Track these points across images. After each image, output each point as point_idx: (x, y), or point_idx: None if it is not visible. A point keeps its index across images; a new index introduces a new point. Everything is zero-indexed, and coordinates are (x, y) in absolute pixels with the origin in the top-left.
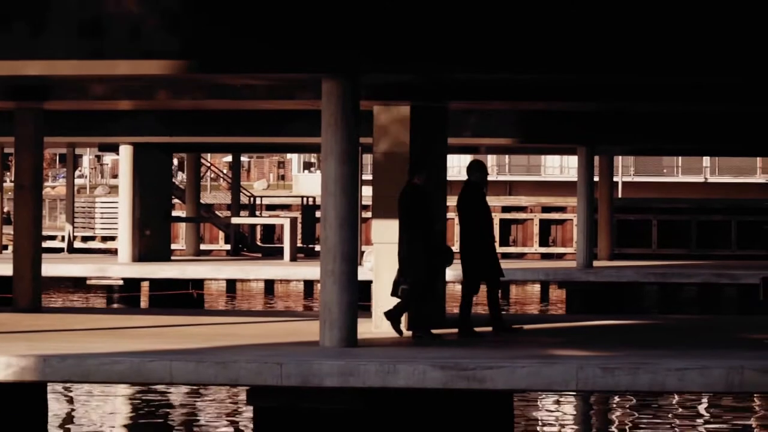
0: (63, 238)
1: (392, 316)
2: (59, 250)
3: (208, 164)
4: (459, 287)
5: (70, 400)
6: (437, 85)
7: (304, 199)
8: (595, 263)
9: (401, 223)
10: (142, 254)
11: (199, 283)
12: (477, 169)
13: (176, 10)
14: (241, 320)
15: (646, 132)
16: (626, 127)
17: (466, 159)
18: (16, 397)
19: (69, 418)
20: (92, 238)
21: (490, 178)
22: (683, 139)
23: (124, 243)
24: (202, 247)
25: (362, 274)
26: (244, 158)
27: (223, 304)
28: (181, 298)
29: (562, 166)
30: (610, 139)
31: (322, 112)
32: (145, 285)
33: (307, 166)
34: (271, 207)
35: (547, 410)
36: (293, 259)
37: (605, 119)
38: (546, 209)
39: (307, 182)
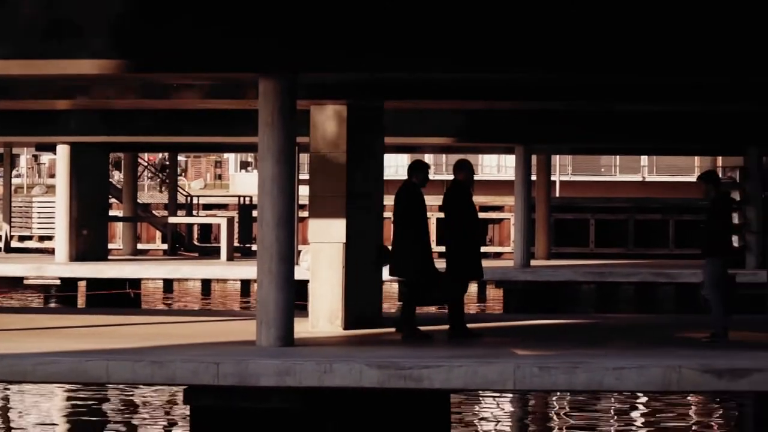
0: (0, 237)
1: (399, 325)
2: None
3: (145, 164)
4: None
5: (6, 399)
6: (374, 85)
7: (241, 198)
8: (533, 262)
9: (397, 222)
10: (79, 254)
11: (136, 283)
12: (464, 168)
13: (116, 10)
14: (178, 320)
15: (583, 131)
16: (564, 126)
17: (404, 158)
18: None
19: (6, 419)
20: (29, 238)
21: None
22: (621, 139)
23: (61, 242)
24: (140, 246)
25: (299, 273)
26: (181, 158)
27: (161, 304)
28: (118, 298)
29: (499, 165)
30: (547, 138)
31: (259, 111)
32: (82, 284)
33: (244, 165)
34: (208, 206)
35: (484, 409)
36: (230, 258)
37: (543, 118)
38: (483, 208)
39: (244, 182)
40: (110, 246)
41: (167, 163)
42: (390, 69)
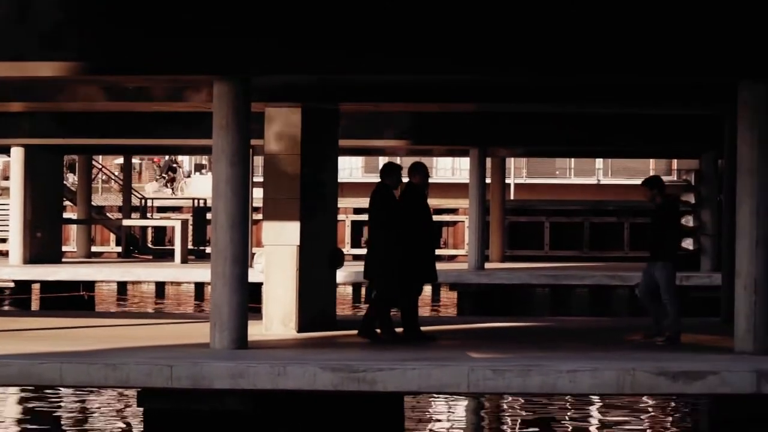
0: None
1: (366, 328)
2: None
3: (100, 166)
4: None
5: None
6: (328, 87)
7: (195, 201)
8: (487, 265)
9: (371, 224)
10: (33, 256)
11: (90, 285)
12: (418, 171)
13: (70, 11)
14: (132, 322)
15: (538, 134)
16: (519, 128)
17: (359, 161)
18: None
19: None
20: None
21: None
22: (576, 141)
23: (15, 245)
24: (94, 249)
25: (253, 276)
26: (135, 160)
27: (114, 306)
28: (72, 300)
29: (454, 168)
30: (502, 140)
31: (213, 113)
32: (36, 287)
33: (198, 168)
34: (162, 209)
35: (438, 412)
36: (184, 261)
37: (498, 121)
38: (438, 211)
39: (198, 184)
40: (64, 248)
41: (174, 165)
42: (344, 71)
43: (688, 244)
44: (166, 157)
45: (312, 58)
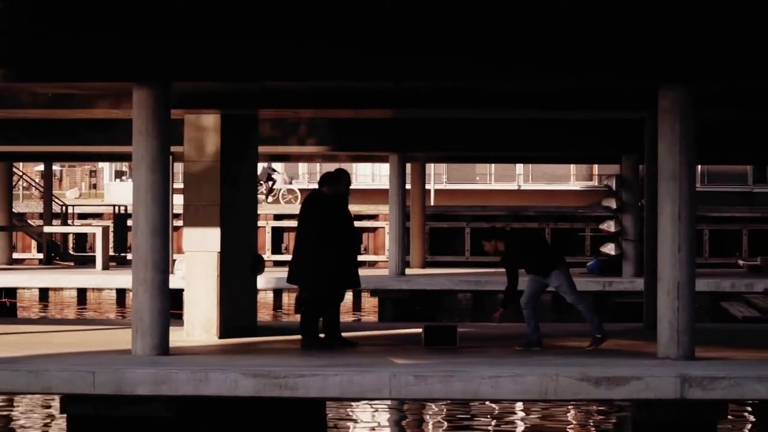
0: None
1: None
2: None
3: (20, 173)
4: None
5: None
6: (248, 94)
7: (116, 207)
8: (408, 271)
9: (298, 230)
10: None
11: (12, 292)
12: (340, 178)
13: None
14: (54, 329)
15: (458, 139)
16: (439, 134)
17: (278, 167)
18: None
19: None
20: None
21: (300, 186)
22: (496, 147)
23: None
24: (15, 255)
25: (174, 282)
26: (56, 167)
27: (36, 313)
28: None
29: (374, 174)
30: (422, 146)
31: (133, 120)
32: None
33: (119, 174)
34: (83, 216)
35: (360, 418)
36: (105, 267)
37: (417, 126)
38: (358, 217)
39: (119, 191)
40: None
41: (273, 172)
42: (262, 78)
43: (609, 249)
44: (264, 165)
45: (230, 65)
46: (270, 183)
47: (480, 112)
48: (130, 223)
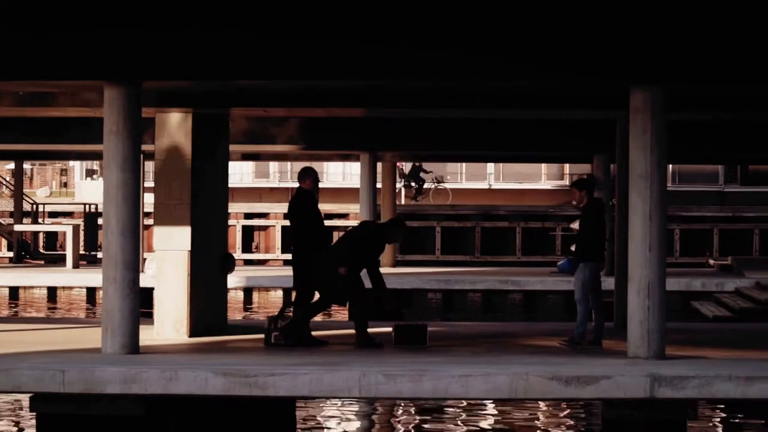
0: None
1: (290, 331)
2: None
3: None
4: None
5: None
6: (219, 92)
7: (87, 206)
8: None
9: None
10: None
11: None
12: (309, 176)
13: None
14: (24, 327)
15: (429, 138)
16: (410, 133)
17: (249, 166)
18: None
19: None
20: None
21: (271, 185)
22: (467, 146)
23: None
24: None
25: (144, 281)
26: (26, 165)
27: (6, 311)
28: None
29: (344, 173)
30: (393, 145)
31: (104, 119)
32: None
33: (90, 173)
34: (53, 214)
35: (330, 417)
36: (76, 266)
37: (388, 126)
38: (329, 216)
39: (90, 189)
40: None
41: (423, 170)
42: (233, 77)
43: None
44: (413, 164)
45: (200, 63)
46: (419, 183)
47: (452, 111)
48: (100, 221)
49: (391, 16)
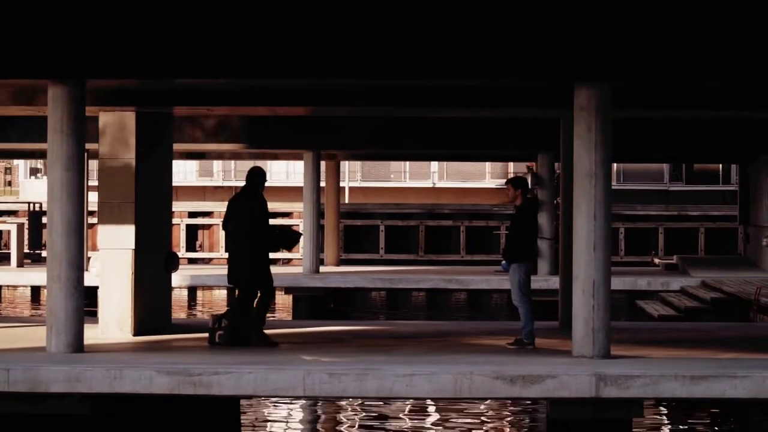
0: None
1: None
2: None
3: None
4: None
5: None
6: (162, 91)
7: (31, 205)
8: (322, 269)
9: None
10: None
11: None
12: (257, 176)
13: None
14: None
15: (373, 137)
16: (353, 131)
17: (193, 164)
18: None
19: None
20: None
21: (215, 184)
22: (411, 144)
23: None
24: None
25: (89, 279)
26: None
27: None
28: None
29: (288, 171)
30: (336, 144)
31: (48, 117)
32: None
33: (34, 172)
34: None
35: (275, 416)
36: (20, 264)
37: (332, 124)
38: (273, 214)
39: (34, 188)
40: None
41: (531, 174)
42: (176, 75)
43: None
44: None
45: (143, 62)
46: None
47: (396, 109)
48: (45, 220)
49: (332, 10)
